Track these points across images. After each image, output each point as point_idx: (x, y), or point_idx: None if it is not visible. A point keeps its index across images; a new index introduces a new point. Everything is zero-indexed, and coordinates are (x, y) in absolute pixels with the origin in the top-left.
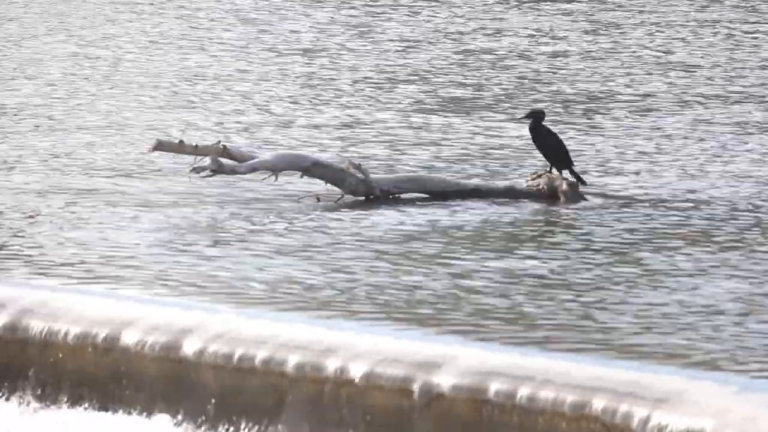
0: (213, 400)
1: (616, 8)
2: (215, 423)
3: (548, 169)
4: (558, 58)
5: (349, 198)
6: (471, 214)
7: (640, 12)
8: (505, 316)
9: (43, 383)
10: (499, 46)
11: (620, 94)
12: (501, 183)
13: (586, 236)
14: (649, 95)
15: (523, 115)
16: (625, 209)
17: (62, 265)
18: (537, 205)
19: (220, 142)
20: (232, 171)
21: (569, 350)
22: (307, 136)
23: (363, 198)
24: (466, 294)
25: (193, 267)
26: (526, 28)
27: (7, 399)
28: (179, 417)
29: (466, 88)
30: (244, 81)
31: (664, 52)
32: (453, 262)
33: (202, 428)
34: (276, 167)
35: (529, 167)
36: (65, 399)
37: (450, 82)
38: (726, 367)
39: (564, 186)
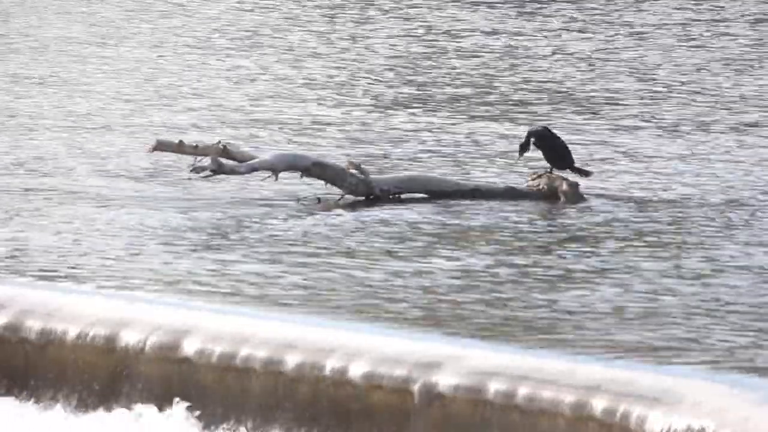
0: (212, 401)
1: (592, 9)
2: (215, 424)
3: (548, 170)
4: (529, 58)
5: (349, 198)
6: (470, 214)
7: (611, 13)
8: (506, 316)
9: (43, 383)
10: (465, 44)
11: (589, 93)
12: (501, 183)
13: (587, 236)
14: (615, 95)
15: (527, 140)
16: (626, 209)
17: (62, 265)
18: (537, 205)
19: (220, 141)
20: (232, 171)
21: (569, 350)
22: (281, 135)
23: (363, 198)
24: (465, 294)
25: (194, 267)
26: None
27: (7, 399)
28: (179, 417)
29: (426, 87)
30: (237, 80)
31: (633, 54)
32: (452, 262)
33: (202, 429)
34: (276, 167)
35: (500, 166)
36: (65, 399)
37: (410, 80)
38: (726, 367)
39: (564, 186)
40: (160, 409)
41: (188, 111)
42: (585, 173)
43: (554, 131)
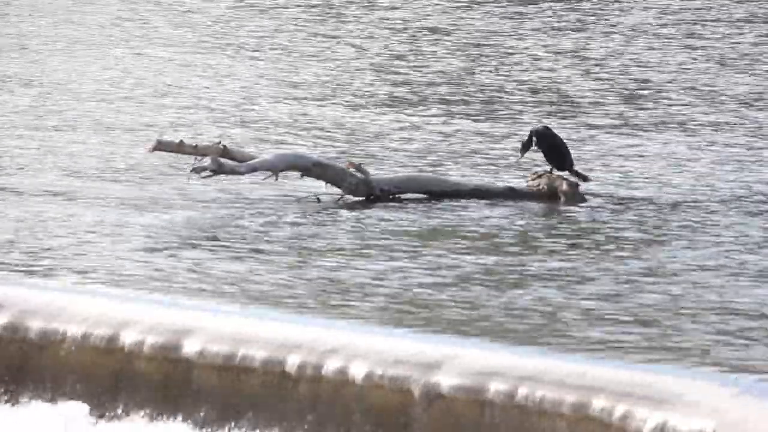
0: (212, 401)
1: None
2: (215, 424)
3: (548, 170)
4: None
5: (349, 198)
6: (470, 214)
7: (598, 12)
8: (505, 316)
9: (43, 384)
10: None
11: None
12: (501, 183)
13: (586, 236)
14: (604, 95)
15: (529, 139)
16: (626, 209)
17: (61, 265)
18: (537, 205)
19: (220, 142)
20: (232, 171)
21: (569, 350)
22: (264, 134)
23: (363, 198)
24: (465, 294)
25: (193, 267)
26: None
27: (8, 400)
28: (179, 417)
29: (416, 86)
30: (230, 80)
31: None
32: (452, 262)
33: (203, 429)
34: (276, 167)
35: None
36: (65, 399)
37: (401, 79)
38: (726, 367)
39: (564, 186)
40: (160, 409)
41: (168, 110)
42: (583, 177)
43: (555, 131)
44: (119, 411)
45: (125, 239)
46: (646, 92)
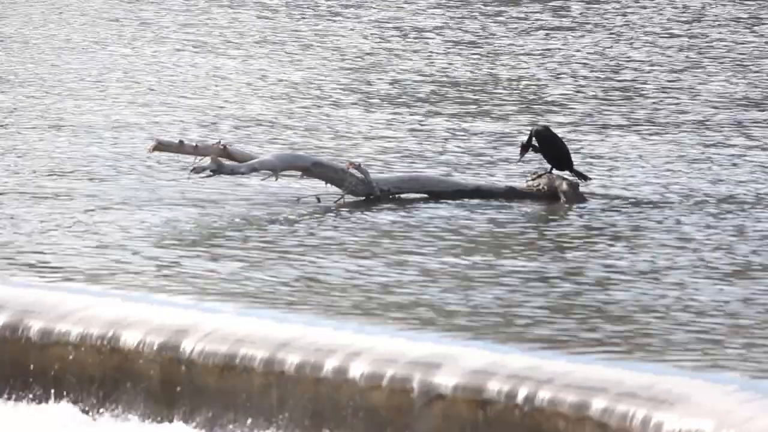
0: (212, 400)
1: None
2: (215, 424)
3: (548, 170)
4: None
5: (349, 198)
6: (470, 214)
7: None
8: (505, 316)
9: (43, 384)
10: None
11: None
12: (501, 183)
13: (586, 236)
14: (577, 94)
15: (529, 139)
16: (625, 208)
17: (62, 265)
18: (537, 205)
19: (220, 142)
20: (232, 171)
21: (569, 350)
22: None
23: (363, 198)
24: (464, 294)
25: (193, 267)
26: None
27: (7, 399)
28: (179, 417)
29: (408, 85)
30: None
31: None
32: (452, 262)
33: (202, 429)
34: (276, 167)
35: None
36: (65, 399)
37: (394, 78)
38: (726, 367)
39: (564, 186)
40: (160, 409)
41: (156, 109)
42: (584, 177)
43: (555, 132)
44: (118, 411)
45: (127, 239)
46: (630, 92)
